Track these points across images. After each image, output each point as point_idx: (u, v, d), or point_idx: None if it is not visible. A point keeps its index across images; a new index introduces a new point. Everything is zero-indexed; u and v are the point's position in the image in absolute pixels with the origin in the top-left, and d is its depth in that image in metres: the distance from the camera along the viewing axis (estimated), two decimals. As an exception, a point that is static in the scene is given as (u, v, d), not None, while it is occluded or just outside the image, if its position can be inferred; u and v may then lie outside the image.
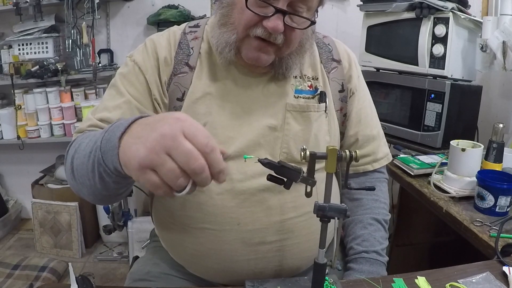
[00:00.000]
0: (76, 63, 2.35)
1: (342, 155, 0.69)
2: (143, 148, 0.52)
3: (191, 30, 0.93)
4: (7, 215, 2.58)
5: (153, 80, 0.87)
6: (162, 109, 0.88)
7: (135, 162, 0.53)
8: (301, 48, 0.87)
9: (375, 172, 1.05)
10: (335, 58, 0.98)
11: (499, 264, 0.88)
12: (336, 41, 1.03)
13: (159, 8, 2.34)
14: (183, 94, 0.87)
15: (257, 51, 0.81)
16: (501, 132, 1.29)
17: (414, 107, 1.70)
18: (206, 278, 0.93)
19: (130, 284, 0.96)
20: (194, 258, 0.91)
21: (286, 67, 0.87)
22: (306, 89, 0.93)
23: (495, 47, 1.58)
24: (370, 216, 0.99)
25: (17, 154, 2.51)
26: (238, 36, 0.82)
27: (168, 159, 0.51)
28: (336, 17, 2.47)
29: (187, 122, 0.53)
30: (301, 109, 0.90)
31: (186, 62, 0.89)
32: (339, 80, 0.98)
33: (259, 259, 0.87)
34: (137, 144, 0.54)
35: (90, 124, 0.83)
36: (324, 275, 0.73)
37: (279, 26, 0.76)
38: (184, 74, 0.88)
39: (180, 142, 0.51)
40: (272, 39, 0.79)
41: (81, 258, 2.35)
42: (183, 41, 0.90)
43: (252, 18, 0.78)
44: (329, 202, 0.69)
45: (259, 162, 0.68)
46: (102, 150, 0.62)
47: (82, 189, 0.73)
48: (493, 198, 1.13)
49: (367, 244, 0.95)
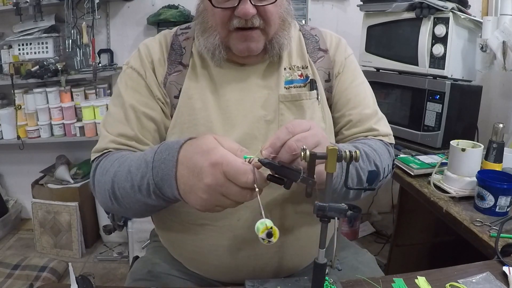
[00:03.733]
0: (76, 63, 2.35)
1: (342, 155, 0.69)
2: (199, 200, 0.64)
3: (183, 31, 0.96)
4: (7, 215, 2.58)
5: (153, 82, 0.90)
6: (167, 107, 0.90)
7: (198, 207, 0.65)
8: (284, 23, 0.88)
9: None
10: (322, 47, 0.98)
11: (499, 264, 0.88)
12: (324, 31, 1.01)
13: (159, 8, 2.34)
14: (179, 91, 0.90)
15: (244, 41, 0.83)
16: (501, 132, 1.29)
17: (414, 107, 1.70)
18: (206, 276, 0.94)
19: (130, 284, 0.96)
20: (195, 255, 0.91)
21: (279, 46, 0.88)
22: (296, 78, 0.94)
23: (495, 47, 1.58)
24: (352, 144, 0.88)
25: (17, 154, 2.51)
26: (221, 35, 0.84)
27: (224, 199, 0.63)
28: (336, 17, 2.47)
29: (224, 165, 0.61)
30: (293, 98, 0.90)
31: (179, 61, 0.92)
32: (326, 70, 0.97)
33: (259, 255, 0.87)
34: (191, 194, 0.65)
35: (110, 140, 0.85)
36: (324, 275, 0.73)
37: (249, 10, 0.78)
38: (178, 72, 0.91)
39: (228, 188, 0.62)
40: (250, 24, 0.81)
41: (81, 258, 2.35)
42: (175, 42, 0.94)
43: (224, 14, 0.81)
44: (329, 202, 0.69)
45: (259, 162, 0.68)
46: (158, 187, 0.70)
47: (125, 212, 0.83)
48: (493, 198, 1.13)
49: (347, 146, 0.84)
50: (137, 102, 0.88)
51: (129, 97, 0.88)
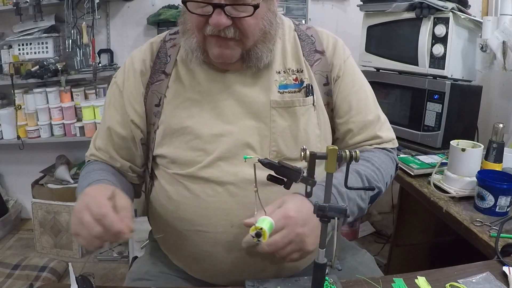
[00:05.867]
0: (76, 63, 2.35)
1: (342, 155, 0.69)
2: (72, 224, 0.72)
3: (171, 37, 0.95)
4: (7, 215, 2.58)
5: (127, 98, 0.93)
6: (139, 125, 0.93)
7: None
8: (265, 36, 0.84)
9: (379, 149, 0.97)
10: (318, 49, 0.94)
11: (499, 264, 0.88)
12: (320, 31, 0.98)
13: (159, 8, 2.33)
14: (159, 99, 0.91)
15: (218, 47, 0.82)
16: (501, 132, 1.29)
17: (414, 107, 1.70)
18: (206, 280, 0.94)
19: (129, 284, 0.96)
20: (192, 260, 0.91)
21: (256, 58, 0.85)
22: (291, 83, 0.90)
23: (495, 47, 1.58)
24: (354, 168, 0.89)
25: (17, 154, 2.51)
26: (198, 38, 0.84)
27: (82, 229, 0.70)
28: (336, 17, 2.47)
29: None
30: (286, 105, 0.88)
31: (163, 70, 0.92)
32: (323, 73, 0.93)
33: (257, 260, 0.86)
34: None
35: (91, 153, 0.98)
36: (324, 275, 0.73)
37: (220, 21, 0.76)
38: (160, 81, 0.91)
39: (82, 217, 0.69)
40: (222, 34, 0.79)
41: (81, 258, 2.35)
42: (161, 50, 0.94)
43: (199, 20, 0.80)
44: (329, 202, 0.69)
45: (259, 162, 0.68)
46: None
47: None
48: (493, 198, 1.13)
49: (334, 180, 0.85)
50: (114, 122, 0.93)
51: (109, 117, 0.94)
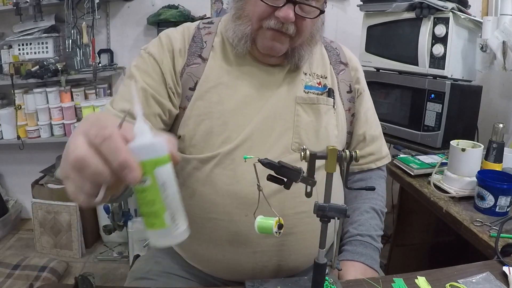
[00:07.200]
0: (76, 63, 2.35)
1: (342, 155, 0.69)
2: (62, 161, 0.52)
3: (205, 26, 0.98)
4: (7, 215, 2.58)
5: (168, 70, 0.90)
6: (176, 97, 0.91)
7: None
8: (312, 39, 0.91)
9: (377, 169, 1.10)
10: (343, 61, 1.03)
11: (499, 264, 0.88)
12: (342, 46, 1.08)
13: (159, 8, 2.34)
14: (195, 83, 0.90)
15: (271, 40, 0.85)
16: (501, 132, 1.29)
17: (414, 107, 1.70)
18: (208, 272, 0.94)
19: (130, 283, 0.96)
20: (199, 248, 0.91)
21: (299, 57, 0.91)
22: (315, 85, 0.96)
23: (495, 47, 1.58)
24: (368, 205, 1.03)
25: (17, 154, 2.51)
26: (253, 27, 0.86)
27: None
28: (336, 17, 2.47)
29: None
30: (311, 101, 0.93)
31: (199, 54, 0.93)
32: (347, 82, 1.02)
33: (263, 253, 0.87)
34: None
35: (112, 114, 0.85)
36: (324, 275, 0.73)
37: (290, 15, 0.80)
38: (197, 65, 0.91)
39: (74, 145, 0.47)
40: (284, 29, 0.83)
41: (81, 258, 2.35)
42: (197, 35, 0.95)
43: (265, 10, 0.82)
44: (329, 202, 0.69)
45: (259, 162, 0.68)
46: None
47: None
48: (493, 198, 1.13)
49: (362, 228, 0.98)
50: (147, 85, 0.88)
51: (141, 79, 0.89)
